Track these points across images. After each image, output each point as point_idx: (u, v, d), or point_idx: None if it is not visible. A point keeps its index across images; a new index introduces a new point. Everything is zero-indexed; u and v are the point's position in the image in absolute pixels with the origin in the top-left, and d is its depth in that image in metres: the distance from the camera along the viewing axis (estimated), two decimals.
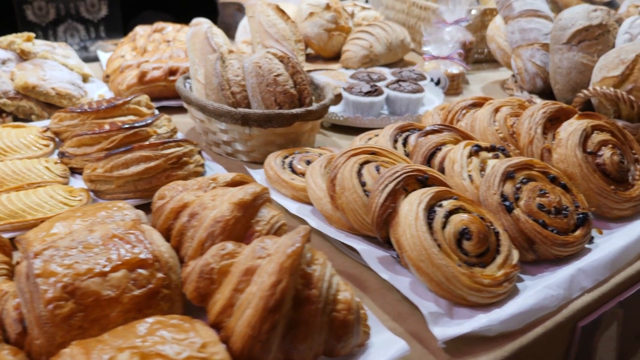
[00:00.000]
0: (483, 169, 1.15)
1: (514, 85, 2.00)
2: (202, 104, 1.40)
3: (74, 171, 1.33)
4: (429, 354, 0.87)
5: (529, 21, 1.88)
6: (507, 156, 1.18)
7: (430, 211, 0.97)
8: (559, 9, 2.02)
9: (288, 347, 0.74)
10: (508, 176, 1.08)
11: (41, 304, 0.74)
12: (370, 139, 1.39)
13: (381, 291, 1.00)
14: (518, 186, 1.08)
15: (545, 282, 0.98)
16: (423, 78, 1.88)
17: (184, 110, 1.58)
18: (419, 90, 1.76)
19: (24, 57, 1.81)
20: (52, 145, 1.43)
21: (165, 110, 1.75)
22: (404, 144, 1.32)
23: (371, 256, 1.02)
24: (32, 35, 1.86)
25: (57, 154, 1.36)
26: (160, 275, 0.81)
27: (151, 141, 1.24)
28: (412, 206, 0.96)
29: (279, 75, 1.39)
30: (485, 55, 2.49)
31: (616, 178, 1.20)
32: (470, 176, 1.13)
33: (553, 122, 1.30)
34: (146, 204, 1.17)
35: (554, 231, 1.04)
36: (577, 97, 1.58)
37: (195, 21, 1.70)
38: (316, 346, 0.76)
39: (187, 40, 1.60)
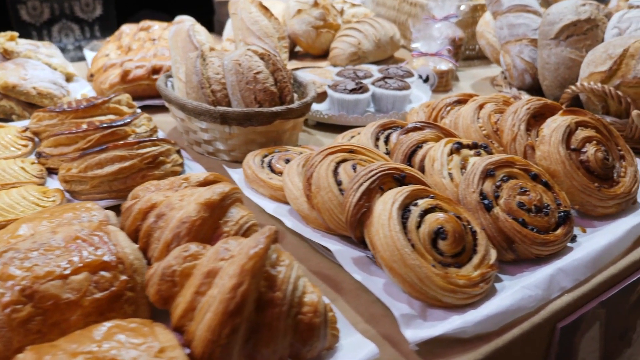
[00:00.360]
0: (464, 166, 1.12)
1: (503, 82, 1.98)
2: (182, 102, 1.38)
3: (51, 172, 1.31)
4: (401, 357, 0.85)
5: (517, 16, 1.85)
6: (490, 153, 1.15)
7: (405, 210, 0.95)
8: (549, 3, 1.99)
9: (251, 351, 0.72)
10: (488, 174, 1.06)
11: None
12: (353, 137, 1.37)
13: (356, 292, 0.98)
14: (498, 184, 1.06)
15: (524, 282, 0.95)
16: (410, 75, 1.85)
17: (167, 109, 1.56)
18: (405, 88, 1.73)
19: (7, 56, 1.79)
20: (31, 146, 1.41)
21: (149, 109, 1.73)
22: (386, 142, 1.29)
23: (345, 257, 1.00)
24: (16, 34, 1.85)
25: (34, 154, 1.34)
26: (123, 277, 0.80)
27: (127, 140, 1.22)
28: (386, 205, 0.94)
29: (259, 72, 1.37)
30: (477, 52, 2.45)
31: (600, 175, 1.17)
32: (450, 174, 1.10)
33: (537, 118, 1.28)
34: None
35: (534, 230, 1.01)
36: (564, 93, 1.56)
37: (178, 19, 1.69)
38: (281, 350, 0.74)
39: (169, 38, 1.58)
